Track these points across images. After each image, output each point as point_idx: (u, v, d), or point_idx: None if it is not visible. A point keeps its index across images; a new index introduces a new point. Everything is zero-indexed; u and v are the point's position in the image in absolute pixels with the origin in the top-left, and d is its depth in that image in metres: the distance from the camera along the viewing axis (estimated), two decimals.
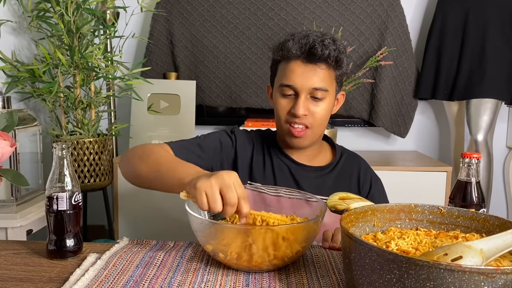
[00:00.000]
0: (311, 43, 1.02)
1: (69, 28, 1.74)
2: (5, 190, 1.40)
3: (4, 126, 0.89)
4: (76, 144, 1.81)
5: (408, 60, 2.24)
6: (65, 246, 0.84)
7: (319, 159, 1.18)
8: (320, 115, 1.07)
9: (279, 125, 1.12)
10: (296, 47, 1.03)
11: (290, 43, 1.04)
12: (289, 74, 1.05)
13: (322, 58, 1.03)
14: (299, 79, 1.04)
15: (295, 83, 1.04)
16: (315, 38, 1.03)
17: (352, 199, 0.80)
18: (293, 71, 1.04)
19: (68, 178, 0.83)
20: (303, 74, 1.04)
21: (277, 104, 1.09)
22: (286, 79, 1.06)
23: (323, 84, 1.04)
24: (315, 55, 1.02)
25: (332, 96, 1.08)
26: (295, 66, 1.05)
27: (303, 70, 1.04)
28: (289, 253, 0.76)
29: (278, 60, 1.10)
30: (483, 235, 0.72)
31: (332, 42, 1.04)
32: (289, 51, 1.04)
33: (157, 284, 0.72)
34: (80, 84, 1.83)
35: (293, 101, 1.06)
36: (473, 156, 0.88)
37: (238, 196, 0.75)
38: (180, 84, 2.17)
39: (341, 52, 1.05)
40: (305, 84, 1.04)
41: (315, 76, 1.04)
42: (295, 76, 1.04)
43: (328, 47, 1.02)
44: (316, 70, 1.04)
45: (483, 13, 2.05)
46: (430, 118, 2.41)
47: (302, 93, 1.05)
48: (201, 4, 2.24)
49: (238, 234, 0.75)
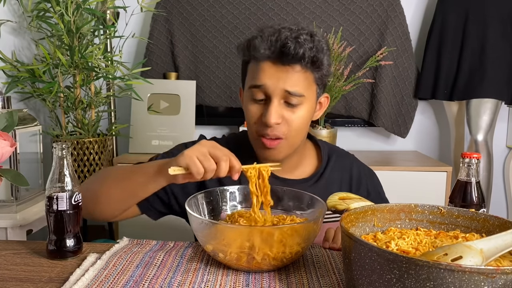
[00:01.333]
0: (283, 40, 0.87)
1: (69, 28, 1.74)
2: (5, 190, 1.40)
3: (4, 126, 0.89)
4: (76, 144, 1.81)
5: (408, 60, 2.24)
6: (65, 246, 0.84)
7: (302, 168, 1.04)
8: (296, 124, 0.92)
9: (250, 135, 0.98)
10: (265, 45, 0.88)
11: (257, 41, 0.89)
12: (258, 75, 0.91)
13: (296, 59, 0.88)
14: (270, 80, 0.89)
15: (265, 83, 0.90)
16: (287, 34, 0.87)
17: (352, 199, 0.81)
18: (262, 71, 0.90)
19: (68, 178, 0.83)
20: (274, 75, 0.89)
21: (247, 111, 0.95)
22: (255, 79, 0.91)
23: (298, 88, 0.90)
24: (287, 55, 0.87)
25: (311, 100, 0.94)
26: (264, 66, 0.90)
27: (274, 70, 0.89)
28: (289, 253, 0.76)
29: (247, 61, 0.95)
30: (483, 235, 0.72)
31: (309, 39, 0.88)
32: (257, 51, 0.89)
33: (157, 284, 0.72)
34: (80, 84, 1.83)
35: (264, 107, 0.92)
36: (473, 156, 0.88)
37: (226, 153, 0.77)
38: (180, 84, 2.17)
39: (319, 50, 0.90)
40: (277, 86, 0.89)
41: (288, 78, 0.89)
42: (265, 76, 0.90)
43: (303, 45, 0.87)
44: (289, 72, 0.89)
45: (483, 13, 2.05)
46: (430, 118, 2.41)
47: (274, 97, 0.90)
48: (201, 4, 2.24)
49: (238, 234, 0.75)
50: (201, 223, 0.78)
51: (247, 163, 0.89)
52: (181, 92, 2.14)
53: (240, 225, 0.83)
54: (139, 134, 2.11)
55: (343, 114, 2.29)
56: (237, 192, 0.95)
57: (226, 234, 0.75)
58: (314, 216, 0.86)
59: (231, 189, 0.95)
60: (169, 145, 2.11)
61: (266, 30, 0.90)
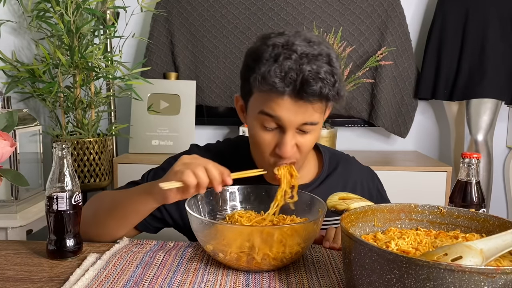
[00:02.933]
0: (305, 78, 0.79)
1: (69, 28, 1.74)
2: (5, 190, 1.40)
3: (4, 126, 0.89)
4: (76, 144, 1.81)
5: (408, 60, 2.24)
6: (65, 246, 0.84)
7: (302, 174, 1.00)
8: (307, 148, 0.90)
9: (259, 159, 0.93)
10: (287, 86, 0.80)
11: (275, 78, 0.79)
12: (273, 106, 0.83)
13: (316, 96, 0.81)
14: (287, 114, 0.83)
15: (282, 117, 0.83)
16: (309, 70, 0.79)
17: (352, 199, 0.81)
18: (278, 104, 0.82)
19: (68, 178, 0.83)
20: (291, 110, 0.82)
21: (257, 137, 0.89)
22: (269, 108, 0.84)
23: (315, 119, 0.85)
24: (308, 94, 0.80)
25: (322, 120, 0.90)
26: (281, 100, 0.82)
27: (292, 105, 0.82)
28: (288, 253, 0.76)
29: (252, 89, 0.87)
30: (483, 235, 0.72)
31: (330, 71, 0.81)
32: (273, 86, 0.80)
33: (157, 284, 0.72)
34: (80, 84, 1.83)
35: (278, 136, 0.87)
36: (473, 156, 0.88)
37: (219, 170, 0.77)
38: (180, 84, 2.17)
39: (341, 83, 0.83)
40: (294, 121, 0.84)
41: (306, 113, 0.83)
42: (282, 110, 0.83)
43: (326, 84, 0.80)
44: (308, 107, 0.83)
45: (483, 13, 2.05)
46: (430, 118, 2.41)
47: (289, 129, 0.85)
48: (201, 4, 2.24)
49: (238, 234, 0.75)
50: (201, 223, 0.78)
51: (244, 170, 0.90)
52: (181, 92, 2.14)
53: (240, 225, 0.83)
54: (139, 134, 2.11)
55: (343, 114, 2.29)
56: (237, 192, 0.95)
57: (226, 234, 0.76)
58: (314, 216, 0.86)
59: (231, 189, 0.95)
60: (169, 145, 2.11)
61: (284, 62, 0.80)
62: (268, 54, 0.82)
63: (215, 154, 0.99)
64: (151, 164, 1.96)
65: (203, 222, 0.78)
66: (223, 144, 1.10)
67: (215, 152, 1.03)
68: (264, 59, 0.82)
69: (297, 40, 0.83)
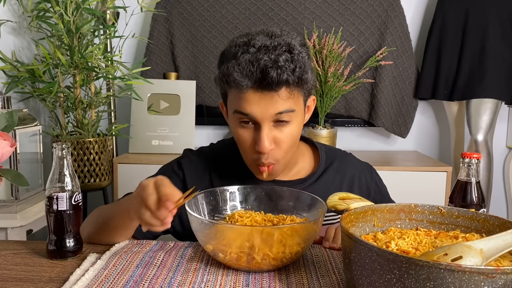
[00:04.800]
0: (262, 68, 0.80)
1: (69, 28, 1.74)
2: (5, 190, 1.40)
3: (4, 126, 0.89)
4: (76, 144, 1.81)
5: (408, 60, 2.24)
6: (65, 246, 0.84)
7: (298, 169, 1.02)
8: (287, 144, 0.89)
9: (243, 156, 0.95)
10: (246, 79, 0.82)
11: (236, 75, 0.82)
12: (243, 104, 0.85)
13: (280, 84, 0.82)
14: (257, 109, 0.84)
15: (253, 113, 0.85)
16: (266, 60, 0.80)
17: (352, 199, 0.81)
18: (247, 101, 0.84)
19: (68, 178, 0.83)
20: (260, 102, 0.83)
21: (237, 135, 0.91)
22: (240, 106, 0.85)
23: (288, 106, 0.85)
24: (270, 84, 0.81)
25: (301, 111, 0.90)
26: (248, 96, 0.84)
27: (260, 97, 0.83)
28: (288, 253, 0.76)
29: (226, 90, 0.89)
30: (483, 235, 0.72)
31: (290, 59, 0.82)
32: (238, 84, 0.82)
33: (157, 284, 0.72)
34: (80, 84, 1.83)
35: (255, 133, 0.88)
36: (473, 156, 0.88)
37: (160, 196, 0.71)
38: (180, 84, 2.17)
39: (302, 68, 0.84)
40: (266, 113, 0.84)
41: (275, 103, 0.84)
42: (252, 105, 0.84)
43: (285, 70, 0.81)
44: (274, 96, 0.83)
45: (483, 13, 2.05)
46: (430, 118, 2.41)
47: (263, 124, 0.86)
48: (201, 4, 2.24)
49: (238, 234, 0.75)
50: (201, 223, 0.78)
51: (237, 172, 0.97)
52: (181, 92, 2.14)
53: (240, 225, 0.83)
54: (139, 134, 2.11)
55: (343, 114, 2.29)
56: (237, 192, 0.95)
57: (226, 234, 0.75)
58: (314, 216, 0.86)
59: (231, 189, 0.95)
60: (169, 145, 2.11)
61: (242, 57, 0.83)
62: (229, 53, 0.86)
63: (207, 157, 1.03)
64: (151, 164, 1.96)
65: (203, 222, 0.78)
66: (216, 145, 1.10)
67: (208, 154, 1.04)
68: (225, 59, 0.86)
69: (258, 36, 0.85)
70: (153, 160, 1.98)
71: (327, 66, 2.03)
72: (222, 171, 1.02)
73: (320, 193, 0.90)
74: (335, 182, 1.03)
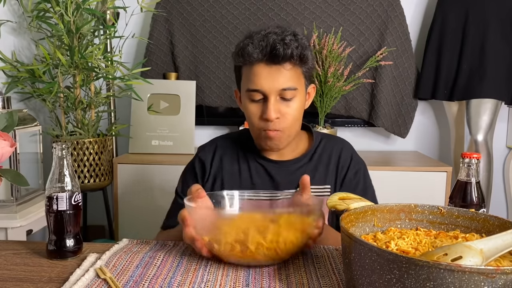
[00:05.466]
0: (272, 44, 0.97)
1: (69, 28, 1.74)
2: (5, 190, 1.40)
3: (4, 126, 0.89)
4: (76, 144, 1.81)
5: (408, 60, 2.24)
6: (65, 246, 0.84)
7: (298, 151, 1.15)
8: (292, 116, 1.03)
9: (252, 130, 1.09)
10: (257, 51, 0.98)
11: (250, 48, 0.99)
12: (254, 79, 1.01)
13: (285, 58, 0.98)
14: (266, 82, 1.00)
15: (262, 86, 1.00)
16: (275, 38, 0.98)
17: (352, 199, 0.80)
18: (257, 75, 1.00)
19: (68, 178, 0.83)
20: (268, 77, 1.00)
21: (247, 111, 1.05)
22: (252, 83, 1.01)
23: (291, 83, 1.00)
24: (277, 56, 0.98)
25: (302, 92, 1.05)
26: (258, 69, 1.00)
27: (268, 72, 1.00)
28: (282, 243, 0.76)
29: (240, 66, 1.06)
30: (483, 235, 0.72)
31: (294, 39, 0.99)
32: (250, 56, 0.99)
33: (157, 284, 0.72)
34: (80, 84, 1.83)
35: (263, 105, 1.02)
36: (473, 156, 0.88)
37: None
38: (180, 84, 2.17)
39: (304, 47, 1.01)
40: (273, 87, 1.00)
41: (281, 76, 1.00)
42: (261, 79, 1.00)
43: (290, 46, 0.98)
44: (281, 70, 0.99)
45: (483, 13, 2.05)
46: (430, 118, 2.41)
47: (271, 96, 1.00)
48: (201, 4, 2.24)
49: (232, 224, 0.77)
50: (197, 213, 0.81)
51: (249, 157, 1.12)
52: (181, 92, 2.14)
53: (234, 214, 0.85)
54: (139, 134, 2.11)
55: (343, 114, 2.29)
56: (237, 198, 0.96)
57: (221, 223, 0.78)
58: (308, 208, 0.86)
59: (230, 193, 0.96)
60: (169, 145, 2.11)
61: (255, 36, 1.00)
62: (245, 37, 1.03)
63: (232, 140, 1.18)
64: (151, 164, 1.96)
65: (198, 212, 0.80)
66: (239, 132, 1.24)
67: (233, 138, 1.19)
68: (241, 43, 1.03)
69: (269, 28, 1.02)
70: (153, 160, 1.98)
71: (327, 66, 2.03)
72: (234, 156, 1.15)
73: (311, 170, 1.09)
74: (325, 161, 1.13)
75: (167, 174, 1.95)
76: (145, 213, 1.99)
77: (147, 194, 1.98)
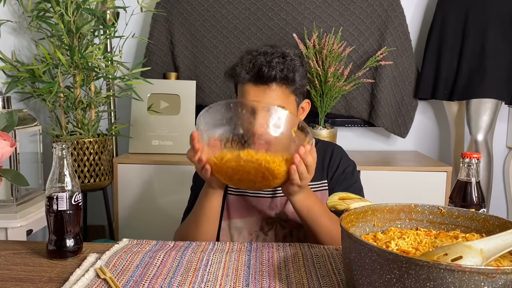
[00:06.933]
0: (259, 65, 1.04)
1: (69, 28, 1.74)
2: (5, 190, 1.40)
3: (4, 126, 0.89)
4: (76, 144, 1.81)
5: (408, 60, 2.24)
6: (65, 246, 0.84)
7: None
8: None
9: None
10: (244, 72, 1.06)
11: (238, 68, 1.07)
12: (244, 95, 1.09)
13: (270, 79, 1.04)
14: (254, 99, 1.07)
15: None
16: (262, 60, 1.05)
17: (352, 199, 0.81)
18: (246, 94, 1.08)
19: (68, 178, 0.83)
20: (256, 96, 1.06)
21: None
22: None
23: (278, 102, 1.05)
24: (263, 78, 1.04)
25: (293, 109, 1.10)
26: (247, 88, 1.07)
27: (255, 91, 1.06)
28: (270, 156, 0.84)
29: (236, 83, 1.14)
30: (483, 235, 0.72)
31: (281, 61, 1.05)
32: (239, 76, 1.07)
33: (157, 284, 0.72)
34: (80, 84, 1.83)
35: None
36: (473, 156, 0.88)
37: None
38: (180, 84, 2.17)
39: (291, 69, 1.06)
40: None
41: (267, 97, 1.05)
42: (249, 96, 1.07)
43: (275, 68, 1.03)
44: (266, 90, 1.05)
45: (483, 13, 2.05)
46: (430, 118, 2.41)
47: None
48: (201, 4, 2.24)
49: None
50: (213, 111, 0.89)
51: None
52: (181, 92, 2.14)
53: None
54: (139, 134, 2.11)
55: (343, 114, 2.29)
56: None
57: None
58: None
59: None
60: (169, 145, 2.11)
61: (245, 57, 1.08)
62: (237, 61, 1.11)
63: None
64: (151, 164, 1.96)
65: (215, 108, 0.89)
66: None
67: None
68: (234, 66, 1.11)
69: (263, 47, 1.09)
70: (153, 160, 1.98)
71: (327, 66, 2.03)
72: None
73: None
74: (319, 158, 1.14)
75: (167, 174, 1.95)
76: (145, 213, 1.99)
77: (147, 194, 1.98)
